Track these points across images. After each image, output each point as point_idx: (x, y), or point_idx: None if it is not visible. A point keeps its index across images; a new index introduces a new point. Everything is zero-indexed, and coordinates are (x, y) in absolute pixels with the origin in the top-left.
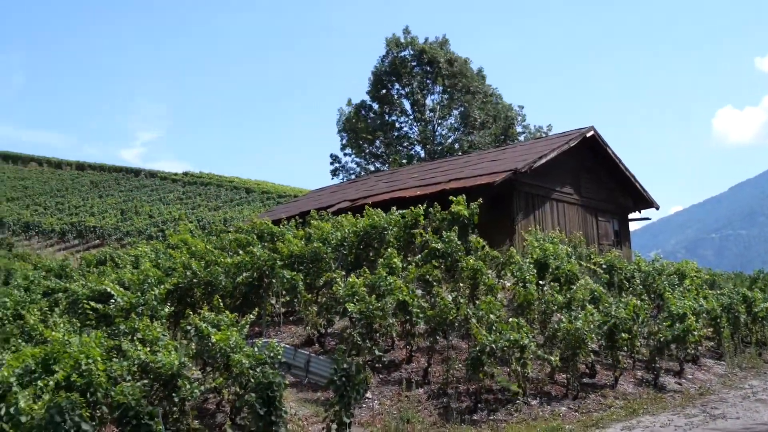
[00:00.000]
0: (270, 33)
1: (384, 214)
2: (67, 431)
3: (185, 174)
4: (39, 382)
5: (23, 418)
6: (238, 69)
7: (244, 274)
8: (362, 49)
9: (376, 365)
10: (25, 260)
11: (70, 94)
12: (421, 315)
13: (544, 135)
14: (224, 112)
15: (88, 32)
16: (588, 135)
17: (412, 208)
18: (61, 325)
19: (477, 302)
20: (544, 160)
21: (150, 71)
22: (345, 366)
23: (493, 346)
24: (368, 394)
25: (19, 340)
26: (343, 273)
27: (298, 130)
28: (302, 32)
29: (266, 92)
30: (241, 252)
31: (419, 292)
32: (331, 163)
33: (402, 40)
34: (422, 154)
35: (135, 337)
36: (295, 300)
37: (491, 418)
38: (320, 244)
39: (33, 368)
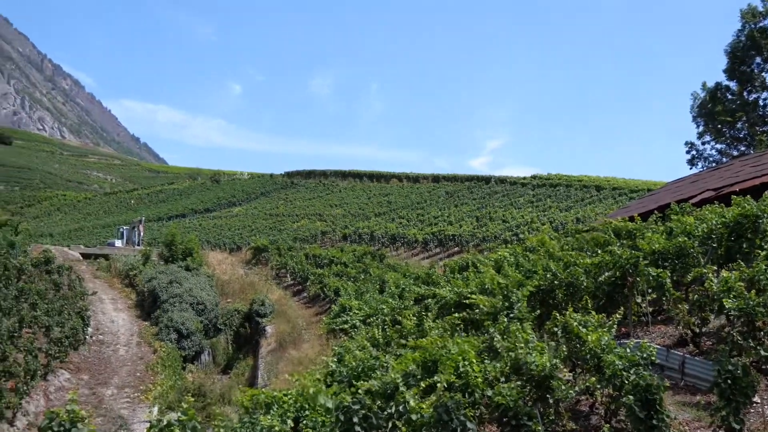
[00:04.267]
0: (608, 24)
1: (755, 202)
2: (454, 430)
3: (533, 177)
4: (422, 383)
5: (413, 416)
6: (576, 66)
7: (606, 274)
8: (715, 28)
9: (762, 366)
10: (395, 270)
11: (419, 113)
12: None
13: None
14: (564, 111)
15: (431, 54)
16: None
17: None
18: (434, 329)
19: None
20: None
21: (491, 82)
22: (730, 368)
23: None
24: (756, 399)
25: (395, 345)
26: (714, 268)
27: (647, 120)
28: (645, 16)
29: (606, 85)
30: (599, 251)
31: None
32: (687, 152)
33: (760, 9)
34: None
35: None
36: (663, 298)
37: None
38: (685, 238)
39: (414, 370)
